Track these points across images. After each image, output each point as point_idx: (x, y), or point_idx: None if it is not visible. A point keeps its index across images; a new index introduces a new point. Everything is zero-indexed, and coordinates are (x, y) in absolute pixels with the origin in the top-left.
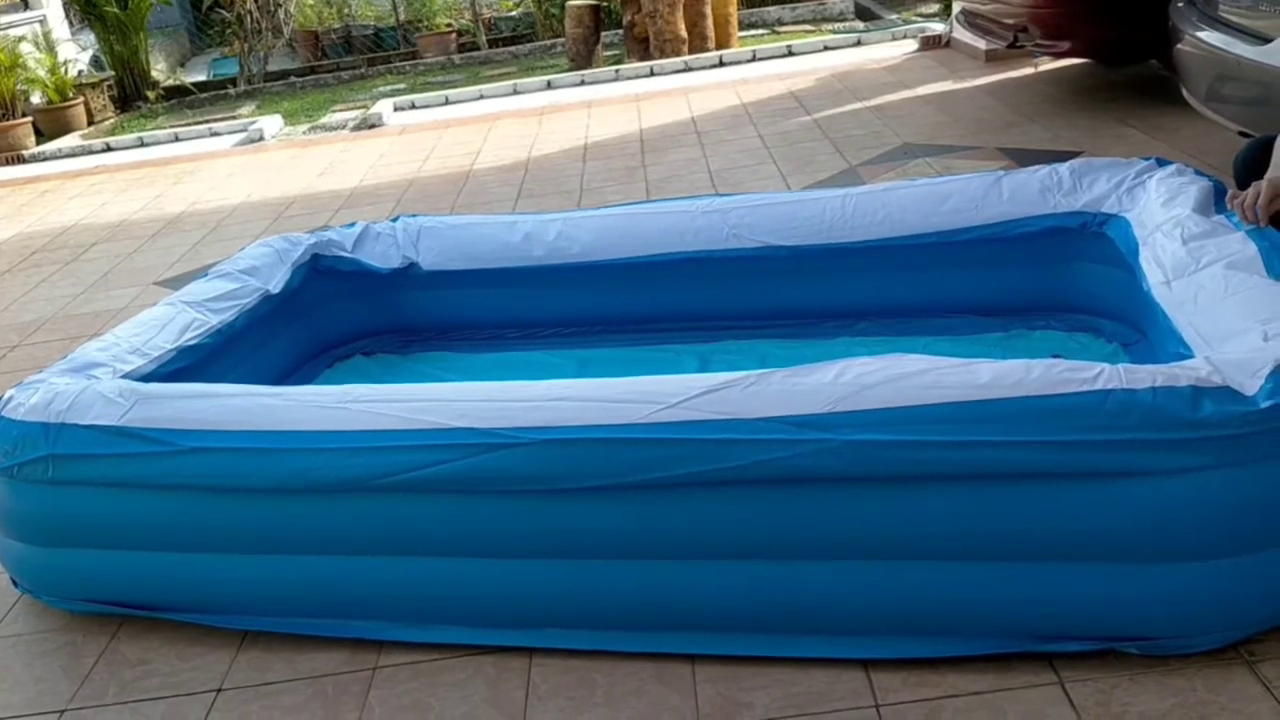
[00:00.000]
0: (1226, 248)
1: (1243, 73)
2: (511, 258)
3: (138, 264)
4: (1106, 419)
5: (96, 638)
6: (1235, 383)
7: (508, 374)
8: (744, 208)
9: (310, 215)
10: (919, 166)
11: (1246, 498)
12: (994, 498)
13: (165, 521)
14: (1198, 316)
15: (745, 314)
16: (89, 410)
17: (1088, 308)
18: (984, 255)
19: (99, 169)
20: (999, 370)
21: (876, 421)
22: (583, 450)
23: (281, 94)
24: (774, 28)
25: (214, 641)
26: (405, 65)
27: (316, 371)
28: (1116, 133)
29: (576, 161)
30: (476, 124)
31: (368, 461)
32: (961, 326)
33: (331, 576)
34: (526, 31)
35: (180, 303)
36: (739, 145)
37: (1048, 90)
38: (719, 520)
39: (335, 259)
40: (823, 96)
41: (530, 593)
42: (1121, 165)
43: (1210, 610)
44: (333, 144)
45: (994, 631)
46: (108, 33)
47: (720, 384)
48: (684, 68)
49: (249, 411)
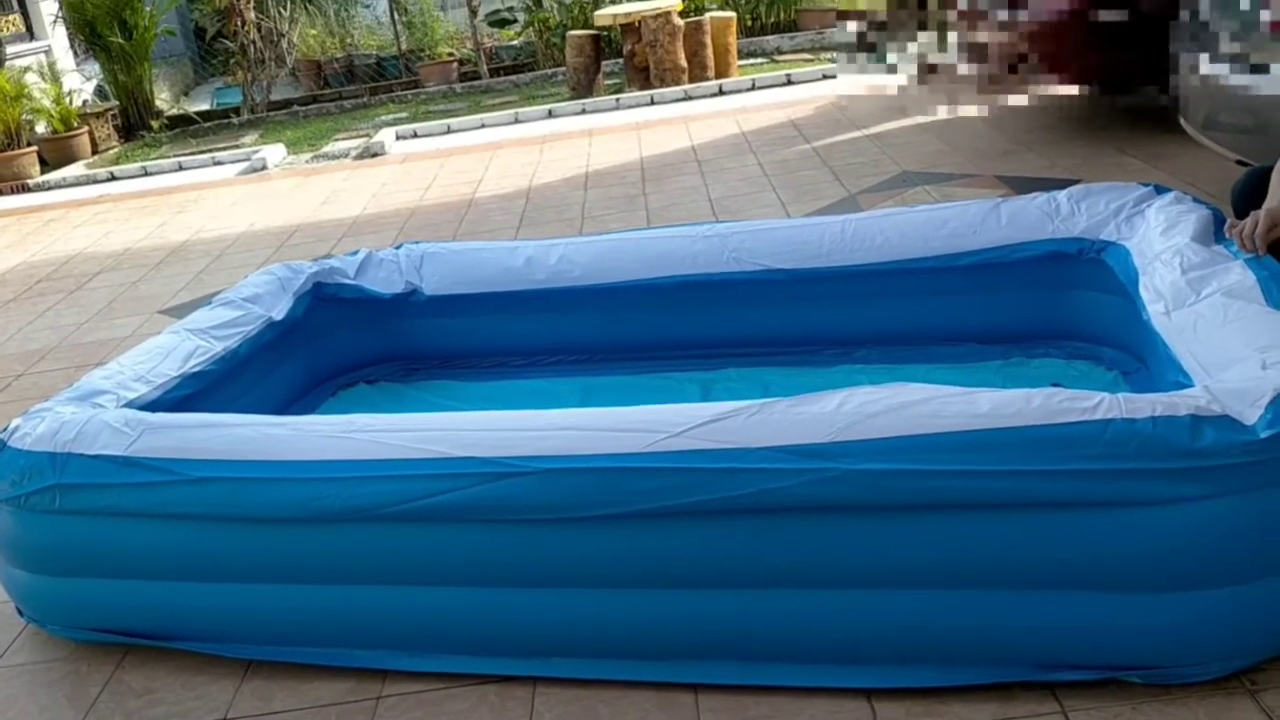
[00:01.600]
0: (1226, 277)
1: (1240, 102)
2: (514, 281)
3: (141, 293)
4: (1107, 448)
5: (101, 667)
6: (1235, 412)
7: (511, 402)
8: (744, 232)
9: (313, 244)
10: (918, 194)
11: (1247, 526)
12: (996, 526)
13: (171, 551)
14: (1197, 345)
15: (746, 341)
16: (96, 440)
17: (1087, 335)
18: (983, 281)
19: (103, 198)
20: (1000, 399)
21: (879, 450)
22: (587, 479)
23: (284, 123)
24: (773, 57)
25: (219, 670)
26: (407, 94)
27: (320, 400)
28: (1114, 161)
29: (578, 189)
30: (478, 152)
31: (373, 490)
32: (961, 354)
33: (336, 605)
34: (528, 60)
35: (184, 330)
36: (739, 173)
37: (1046, 119)
38: (723, 549)
39: (338, 286)
40: (822, 125)
41: (534, 622)
42: (1120, 192)
43: (1212, 639)
44: (335, 172)
45: (996, 660)
46: (112, 63)
47: (724, 413)
48: (684, 96)
49: (254, 441)
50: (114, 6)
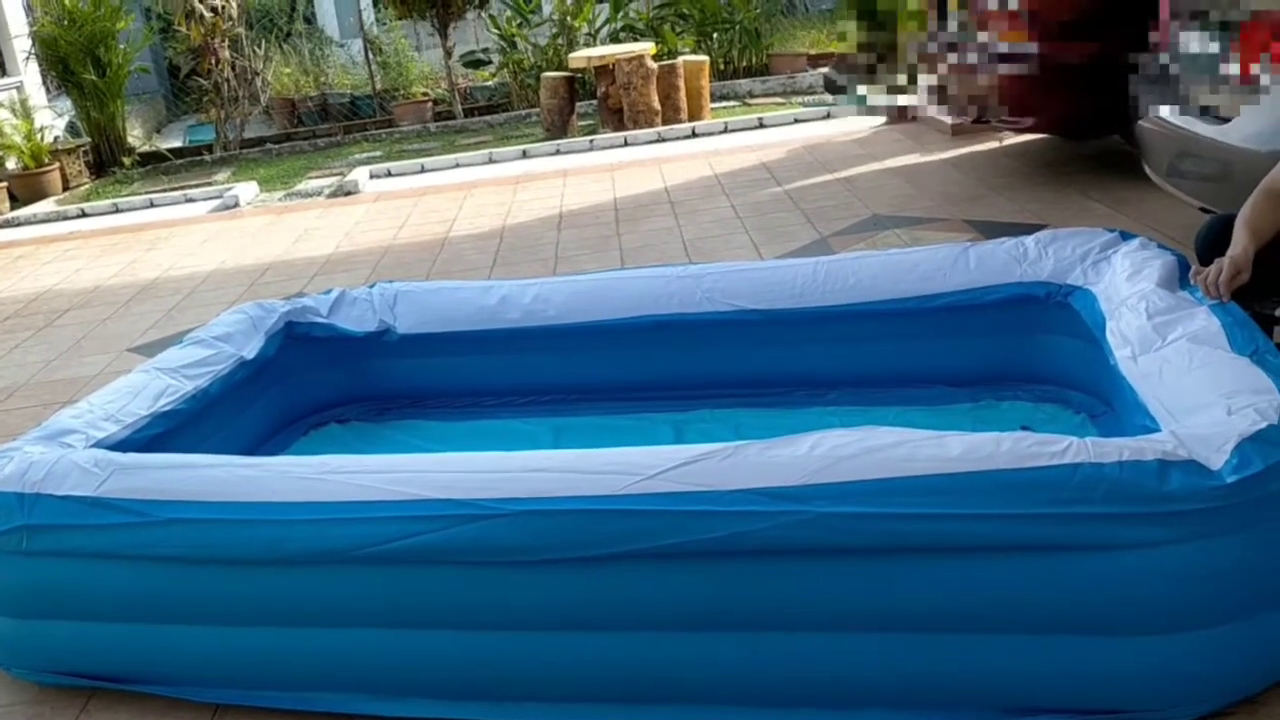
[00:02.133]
0: (1191, 322)
1: (1202, 150)
2: (488, 320)
3: (111, 330)
4: (1075, 492)
5: (65, 710)
6: (1201, 457)
7: (484, 442)
8: (717, 273)
9: (285, 282)
10: (888, 237)
11: (1213, 571)
12: (966, 570)
13: (140, 593)
14: (1163, 390)
15: (720, 382)
16: (65, 480)
17: (1055, 379)
18: (953, 324)
19: (73, 235)
20: (970, 443)
21: (850, 494)
22: (561, 522)
23: (257, 160)
24: (745, 100)
25: (185, 714)
26: (381, 133)
27: (291, 439)
28: (1080, 206)
29: (551, 230)
30: (452, 191)
31: (345, 533)
32: (932, 396)
33: (306, 649)
34: (502, 101)
35: (154, 369)
36: (712, 215)
37: (1013, 164)
38: (695, 592)
39: (310, 325)
40: (793, 168)
41: (505, 665)
42: (1086, 237)
43: (1181, 682)
44: (308, 210)
45: (969, 704)
46: (84, 99)
47: (697, 455)
48: (657, 138)
49: (226, 482)
50: (87, 44)
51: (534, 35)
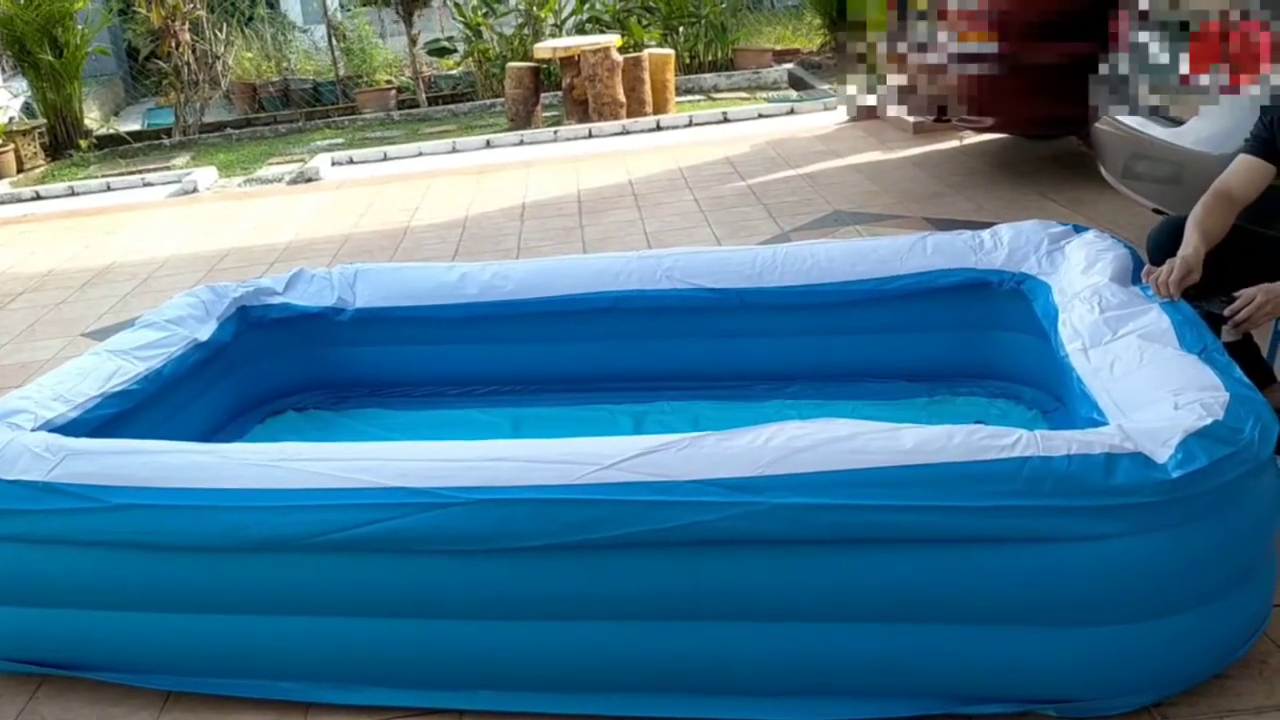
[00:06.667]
0: (1142, 319)
1: (1156, 153)
2: (446, 295)
3: (65, 315)
4: (1024, 484)
5: (14, 698)
6: (1148, 450)
7: (442, 432)
8: (678, 254)
9: (244, 269)
10: (849, 233)
11: (1158, 564)
12: (917, 561)
13: (91, 579)
14: (1113, 384)
15: (679, 374)
16: (14, 464)
17: (1009, 375)
18: (909, 317)
19: (27, 217)
20: (923, 436)
21: (804, 485)
22: (518, 510)
23: (217, 145)
24: (710, 94)
25: (137, 702)
26: (344, 120)
27: (248, 427)
28: (1037, 205)
29: (514, 220)
30: (415, 180)
31: (301, 520)
32: (889, 391)
33: (261, 636)
34: (466, 90)
35: (105, 351)
36: (675, 208)
37: (973, 163)
38: (651, 581)
39: (265, 307)
40: (757, 163)
41: (462, 654)
42: (1040, 229)
43: (1125, 673)
44: (268, 197)
45: (915, 693)
46: (41, 80)
47: (654, 446)
48: (622, 131)
49: (180, 468)
50: (44, 23)
51: (500, 25)
